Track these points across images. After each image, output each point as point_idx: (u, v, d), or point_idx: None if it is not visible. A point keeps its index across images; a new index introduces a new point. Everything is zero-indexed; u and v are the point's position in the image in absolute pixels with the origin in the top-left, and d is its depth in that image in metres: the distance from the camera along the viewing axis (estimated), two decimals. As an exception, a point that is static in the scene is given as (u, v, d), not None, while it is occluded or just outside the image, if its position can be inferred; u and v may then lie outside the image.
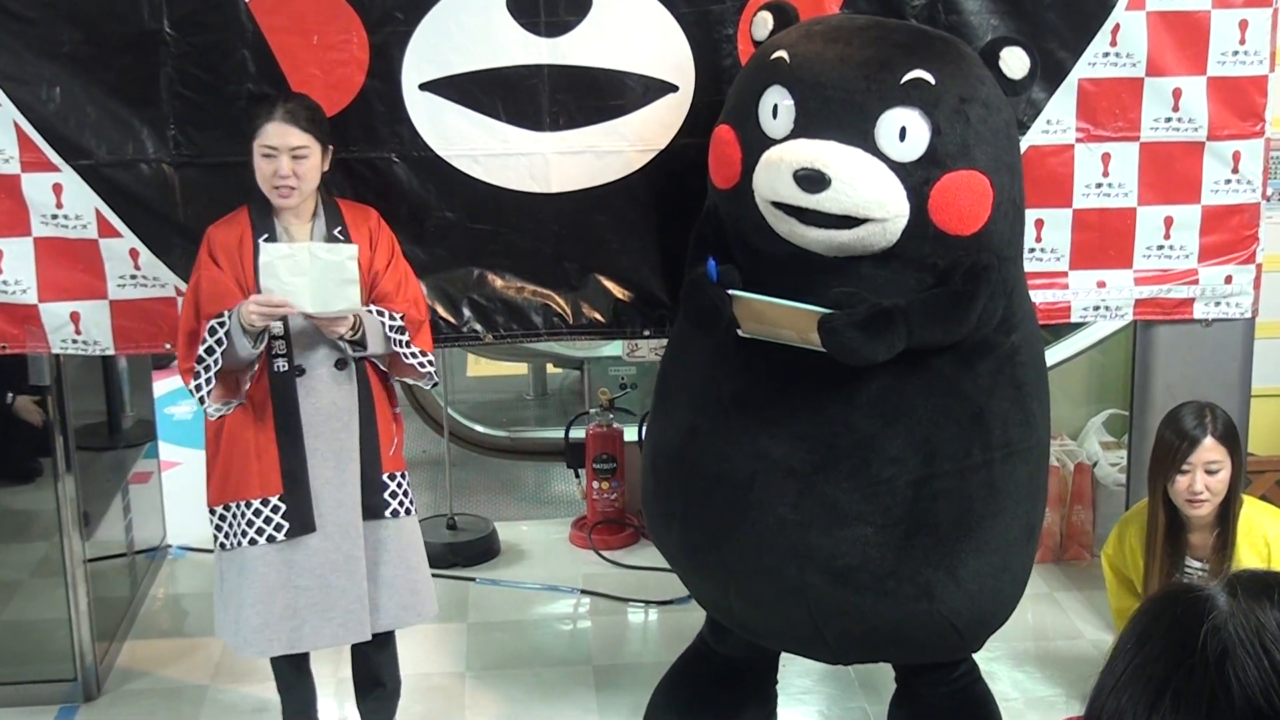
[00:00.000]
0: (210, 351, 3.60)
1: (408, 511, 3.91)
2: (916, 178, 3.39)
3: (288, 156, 3.64)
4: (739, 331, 3.55)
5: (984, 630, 3.85)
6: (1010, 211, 3.56)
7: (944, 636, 3.74)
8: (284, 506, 3.74)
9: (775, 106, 3.48)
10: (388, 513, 3.86)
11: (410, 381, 3.92)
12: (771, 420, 3.63)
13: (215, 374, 3.62)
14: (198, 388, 3.64)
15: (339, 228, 3.77)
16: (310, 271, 3.54)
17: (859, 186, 3.36)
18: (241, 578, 3.81)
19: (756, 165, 3.48)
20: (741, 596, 3.82)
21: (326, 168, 3.75)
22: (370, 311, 3.71)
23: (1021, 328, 3.68)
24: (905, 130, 3.38)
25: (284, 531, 3.75)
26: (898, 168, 3.39)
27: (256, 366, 3.67)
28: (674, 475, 3.84)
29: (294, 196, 3.68)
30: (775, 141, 3.47)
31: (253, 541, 3.75)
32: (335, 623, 3.85)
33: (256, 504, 3.74)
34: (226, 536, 3.80)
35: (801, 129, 3.45)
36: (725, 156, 3.60)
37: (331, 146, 3.75)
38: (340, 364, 3.75)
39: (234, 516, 3.78)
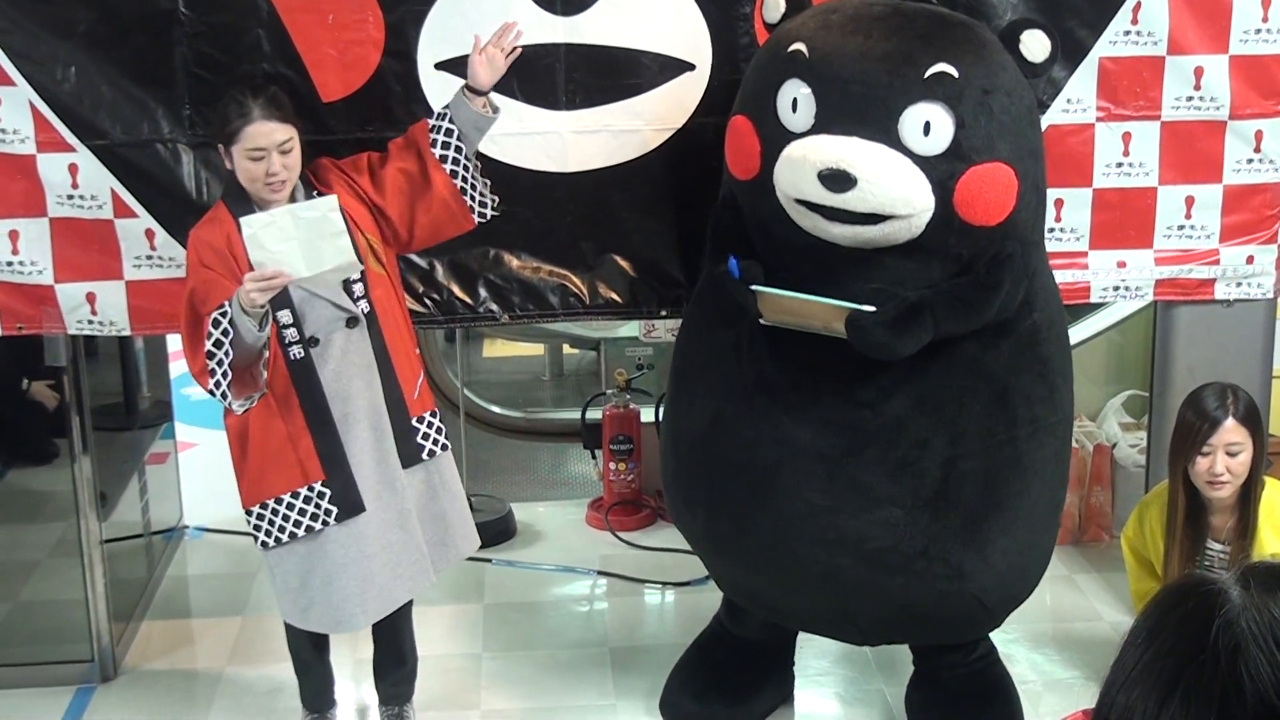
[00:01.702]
0: (219, 345, 3.51)
1: (443, 447, 3.91)
2: (941, 172, 3.37)
3: (276, 153, 3.57)
4: (760, 320, 3.54)
5: (1010, 606, 3.86)
6: (1033, 197, 3.55)
7: (973, 615, 3.75)
8: (329, 491, 3.72)
9: (795, 100, 3.45)
10: (424, 455, 3.86)
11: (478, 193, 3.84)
12: (796, 405, 3.62)
13: (230, 366, 3.54)
14: (216, 384, 3.55)
15: (314, 192, 3.70)
16: (296, 234, 3.44)
17: (885, 185, 3.34)
18: (311, 564, 3.77)
19: (777, 159, 3.46)
20: (769, 581, 3.81)
21: None
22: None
23: (1044, 306, 3.67)
24: (929, 125, 3.35)
25: (334, 516, 3.72)
26: (922, 162, 3.36)
27: (267, 354, 3.61)
28: (698, 462, 3.83)
29: (286, 188, 3.62)
30: (795, 135, 3.45)
31: (308, 530, 3.73)
32: (405, 577, 3.85)
33: (304, 492, 3.72)
34: (267, 534, 3.76)
35: (822, 124, 3.42)
36: (743, 149, 3.57)
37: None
38: (351, 322, 3.71)
39: (272, 514, 3.74)
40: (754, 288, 3.51)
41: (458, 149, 3.74)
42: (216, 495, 3.98)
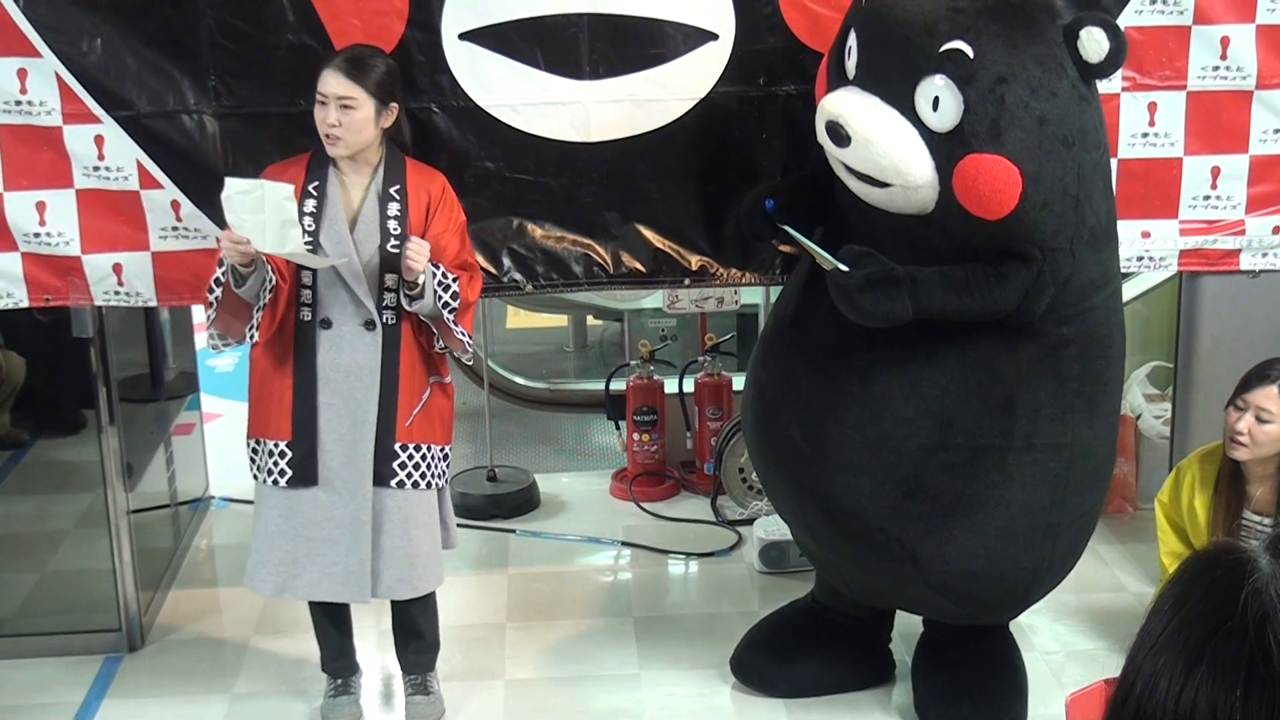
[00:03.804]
0: (218, 282, 3.69)
1: (415, 485, 3.86)
2: (945, 151, 3.34)
3: (335, 105, 3.64)
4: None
5: (986, 611, 3.83)
6: (1062, 204, 3.40)
7: (937, 603, 3.75)
8: (290, 454, 3.80)
9: (850, 48, 3.47)
10: (393, 482, 3.84)
11: (446, 349, 3.93)
12: (805, 347, 3.69)
13: (218, 309, 3.71)
14: (208, 318, 3.76)
15: (396, 186, 3.76)
16: (264, 210, 3.50)
17: (873, 150, 3.34)
18: (257, 512, 3.92)
19: None
20: (779, 505, 3.97)
21: (388, 125, 3.74)
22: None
23: (1078, 322, 3.56)
24: (938, 100, 3.32)
25: (286, 479, 3.81)
26: (929, 136, 3.34)
27: (258, 316, 3.72)
28: (750, 376, 4.00)
29: (339, 146, 3.68)
30: (845, 83, 3.48)
31: (262, 480, 3.87)
32: (336, 579, 3.87)
33: (270, 445, 3.82)
34: (256, 469, 3.91)
35: (859, 77, 3.45)
36: (819, 91, 3.61)
37: (394, 105, 3.73)
38: (369, 324, 3.75)
39: (253, 453, 3.91)
40: (781, 225, 3.60)
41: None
42: (242, 466, 4.01)
